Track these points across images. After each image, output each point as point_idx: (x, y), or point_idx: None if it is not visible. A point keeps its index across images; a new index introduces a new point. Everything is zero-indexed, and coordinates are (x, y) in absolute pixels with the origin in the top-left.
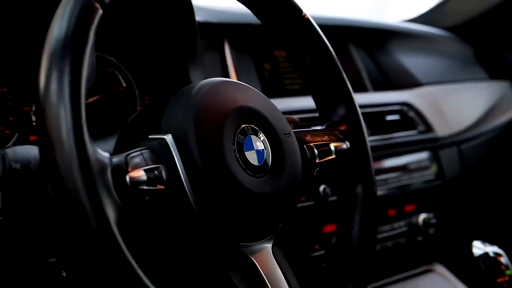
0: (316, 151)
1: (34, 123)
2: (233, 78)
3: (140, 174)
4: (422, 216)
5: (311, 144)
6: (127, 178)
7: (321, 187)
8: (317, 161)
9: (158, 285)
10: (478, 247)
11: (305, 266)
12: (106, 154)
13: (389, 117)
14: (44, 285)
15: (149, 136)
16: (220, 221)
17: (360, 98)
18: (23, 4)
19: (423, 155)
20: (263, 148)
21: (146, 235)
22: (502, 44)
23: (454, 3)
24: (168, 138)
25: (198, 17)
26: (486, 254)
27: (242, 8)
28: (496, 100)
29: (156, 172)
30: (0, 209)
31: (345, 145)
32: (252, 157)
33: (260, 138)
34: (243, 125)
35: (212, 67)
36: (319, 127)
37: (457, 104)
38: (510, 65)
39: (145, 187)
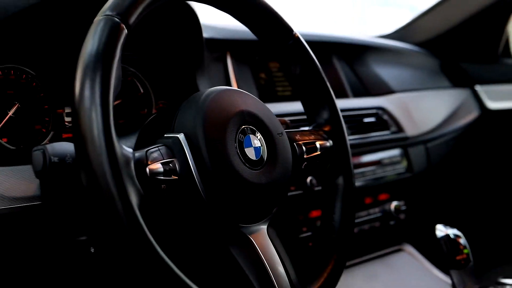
0: (304, 148)
1: (66, 123)
2: (234, 86)
3: (157, 166)
4: (394, 204)
5: (300, 142)
6: (147, 170)
7: (308, 179)
8: (305, 156)
9: (171, 259)
10: (441, 230)
11: (294, 245)
12: (130, 150)
13: (366, 119)
14: (75, 259)
15: (165, 135)
16: (224, 206)
17: (341, 103)
18: (58, 24)
19: (395, 152)
20: (260, 145)
21: (163, 217)
22: (463, 57)
23: (422, 22)
24: (181, 136)
25: (205, 34)
26: (447, 235)
27: (242, 26)
28: (458, 105)
29: (171, 165)
30: (40, 196)
31: (329, 143)
32: (250, 153)
33: (257, 137)
34: (243, 126)
35: (216, 76)
36: (306, 128)
37: (424, 109)
38: (470, 75)
39: (162, 177)
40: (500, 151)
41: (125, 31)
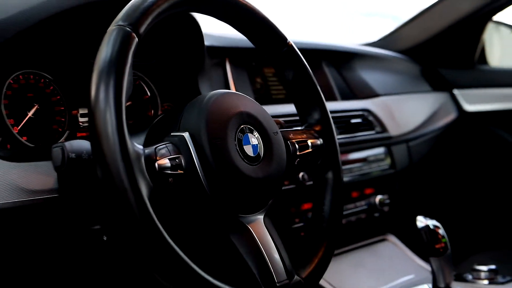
0: (297, 146)
1: (80, 123)
2: (233, 89)
3: (165, 162)
4: (378, 197)
5: (293, 140)
6: (156, 164)
7: (300, 174)
8: (297, 153)
9: (178, 245)
10: (421, 221)
11: (288, 235)
12: (140, 147)
13: (353, 120)
14: (89, 247)
15: (171, 134)
16: (225, 198)
17: (330, 106)
18: (74, 34)
19: (379, 150)
20: (257, 143)
21: (170, 207)
22: (442, 63)
23: (404, 31)
24: (186, 135)
25: (206, 42)
26: (427, 226)
27: (240, 35)
28: (437, 108)
29: (177, 160)
30: (57, 189)
31: (319, 142)
32: (248, 150)
33: (255, 135)
34: (242, 126)
35: (217, 81)
36: (299, 128)
37: (406, 111)
38: (449, 80)
39: (169, 172)
40: (476, 150)
41: (136, 39)
